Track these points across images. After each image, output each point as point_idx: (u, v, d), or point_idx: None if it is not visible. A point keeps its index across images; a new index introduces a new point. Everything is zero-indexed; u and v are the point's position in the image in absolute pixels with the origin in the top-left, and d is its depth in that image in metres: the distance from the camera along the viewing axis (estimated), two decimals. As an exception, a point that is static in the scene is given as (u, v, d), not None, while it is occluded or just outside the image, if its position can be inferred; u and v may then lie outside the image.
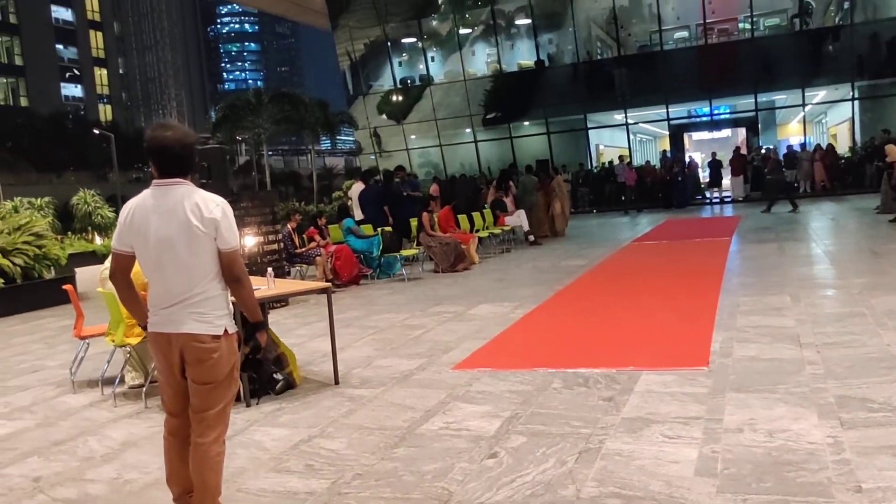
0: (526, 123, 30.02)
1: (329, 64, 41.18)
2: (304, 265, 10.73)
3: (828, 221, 14.87)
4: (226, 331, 2.93)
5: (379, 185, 13.91)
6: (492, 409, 4.38)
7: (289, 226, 10.54)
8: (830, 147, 24.55)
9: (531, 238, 14.61)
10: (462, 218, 13.45)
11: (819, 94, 27.71)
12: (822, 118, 31.45)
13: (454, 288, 9.69)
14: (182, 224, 2.84)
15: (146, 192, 2.95)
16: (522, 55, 29.90)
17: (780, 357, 4.98)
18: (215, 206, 2.88)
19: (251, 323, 3.07)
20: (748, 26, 26.79)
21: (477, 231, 13.56)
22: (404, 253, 11.35)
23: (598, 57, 29.39)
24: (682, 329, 6.17)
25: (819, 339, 5.34)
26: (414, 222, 12.18)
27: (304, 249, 10.57)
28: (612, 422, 3.98)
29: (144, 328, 3.04)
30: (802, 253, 10.41)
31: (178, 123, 3.01)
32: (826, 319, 6.03)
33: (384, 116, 32.17)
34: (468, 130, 30.49)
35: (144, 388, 5.21)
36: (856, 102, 25.92)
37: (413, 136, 31.69)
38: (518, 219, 14.68)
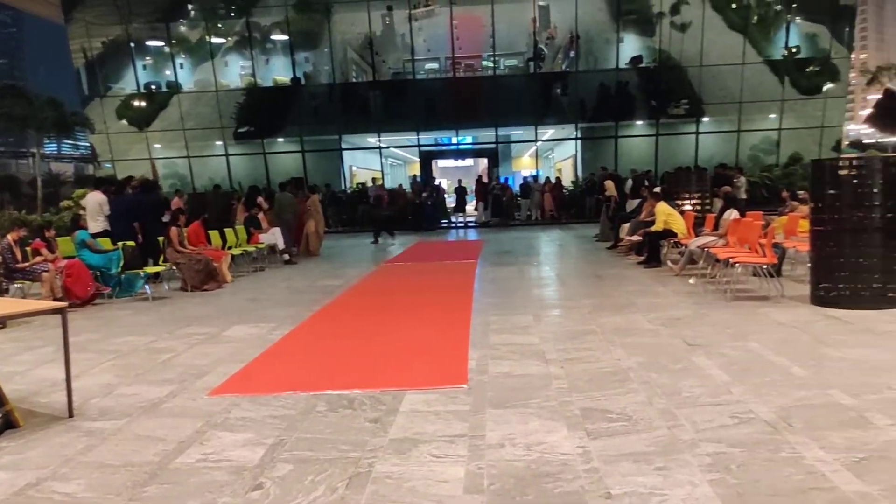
0: (280, 140, 29.54)
1: (60, 60, 37.01)
2: (28, 282, 9.45)
3: (557, 247, 16.43)
4: None
5: (134, 194, 12.25)
6: (254, 437, 4.15)
7: (9, 237, 9.24)
8: (558, 180, 27.37)
9: (286, 256, 14.30)
10: (214, 234, 12.78)
11: (548, 132, 30.79)
12: (550, 154, 34.97)
13: (205, 308, 9.14)
14: None
15: None
16: (278, 71, 29.45)
17: (530, 373, 5.34)
18: None
19: None
20: (491, 64, 29.05)
21: (229, 248, 12.97)
22: (148, 270, 10.47)
23: (354, 80, 29.89)
24: (441, 348, 6.38)
25: (561, 356, 5.82)
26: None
27: (27, 264, 9.32)
28: (380, 444, 3.97)
29: None
30: (538, 275, 11.37)
31: None
32: (565, 337, 6.60)
33: (125, 122, 29.67)
34: (219, 143, 29.24)
35: None
36: (578, 141, 29.21)
37: (158, 145, 29.60)
38: (273, 237, 14.30)
